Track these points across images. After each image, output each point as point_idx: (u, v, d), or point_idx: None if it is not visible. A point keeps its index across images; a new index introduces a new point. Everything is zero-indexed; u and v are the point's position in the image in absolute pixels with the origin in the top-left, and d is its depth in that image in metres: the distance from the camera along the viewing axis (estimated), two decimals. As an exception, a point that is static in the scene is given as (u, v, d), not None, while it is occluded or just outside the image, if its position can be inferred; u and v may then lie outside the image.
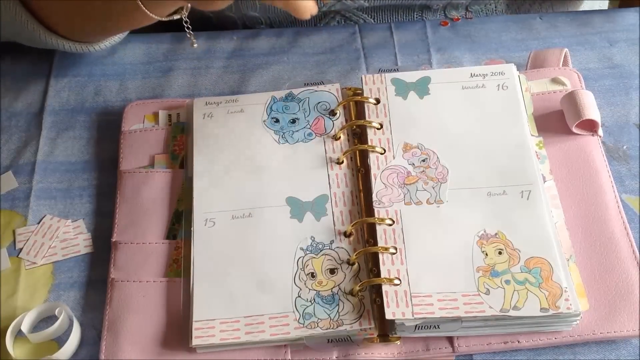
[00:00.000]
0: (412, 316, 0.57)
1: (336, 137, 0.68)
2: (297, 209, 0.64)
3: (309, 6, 0.58)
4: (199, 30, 0.81)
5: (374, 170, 0.65)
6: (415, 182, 0.64)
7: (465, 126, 0.67)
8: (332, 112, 0.69)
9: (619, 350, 0.59)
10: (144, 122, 0.73)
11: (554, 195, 0.64)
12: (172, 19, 0.64)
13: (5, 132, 0.74)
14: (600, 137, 0.68)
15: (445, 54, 0.78)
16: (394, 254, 0.61)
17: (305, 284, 0.61)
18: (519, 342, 0.59)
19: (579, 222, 0.64)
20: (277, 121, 0.69)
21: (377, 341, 0.59)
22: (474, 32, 0.79)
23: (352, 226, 0.63)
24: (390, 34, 0.80)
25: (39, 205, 0.69)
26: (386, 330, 0.59)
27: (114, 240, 0.66)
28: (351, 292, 0.60)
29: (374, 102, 0.69)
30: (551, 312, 0.57)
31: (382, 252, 0.61)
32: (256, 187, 0.66)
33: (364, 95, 0.69)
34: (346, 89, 0.72)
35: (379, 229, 0.62)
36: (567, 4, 0.88)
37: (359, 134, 0.68)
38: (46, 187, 0.70)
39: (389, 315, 0.58)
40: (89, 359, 0.61)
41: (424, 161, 0.65)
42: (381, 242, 0.61)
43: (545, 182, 0.64)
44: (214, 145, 0.68)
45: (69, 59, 0.79)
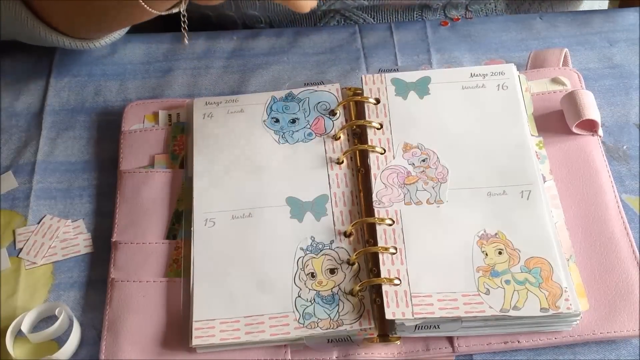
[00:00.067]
0: (412, 316, 0.57)
1: (336, 137, 0.68)
2: (297, 209, 0.64)
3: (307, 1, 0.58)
4: (199, 30, 0.82)
5: (374, 170, 0.65)
6: (415, 182, 0.64)
7: (465, 126, 0.67)
8: (332, 112, 0.69)
9: (619, 350, 0.59)
10: (144, 122, 0.73)
11: (554, 195, 0.64)
12: (171, 12, 0.63)
13: (5, 132, 0.74)
14: (600, 137, 0.68)
15: (445, 54, 0.78)
16: (394, 254, 0.61)
17: (305, 284, 0.61)
18: (519, 342, 0.59)
19: (579, 222, 0.64)
20: (277, 121, 0.69)
21: (377, 341, 0.59)
22: (474, 32, 0.79)
23: (352, 226, 0.63)
24: (390, 34, 0.80)
25: (39, 205, 0.69)
26: (386, 330, 0.59)
27: (114, 240, 0.66)
28: (351, 292, 0.60)
29: (374, 102, 0.69)
30: (551, 312, 0.57)
31: (382, 252, 0.61)
32: (256, 187, 0.66)
33: (364, 95, 0.69)
34: (346, 89, 0.72)
35: (379, 229, 0.62)
36: (567, 4, 0.88)
37: (359, 134, 0.68)
38: (46, 187, 0.70)
39: (389, 315, 0.58)
40: (89, 359, 0.61)
41: (424, 161, 0.65)
42: (381, 242, 0.61)
43: (545, 182, 0.64)
44: (214, 145, 0.68)
45: (69, 59, 0.79)
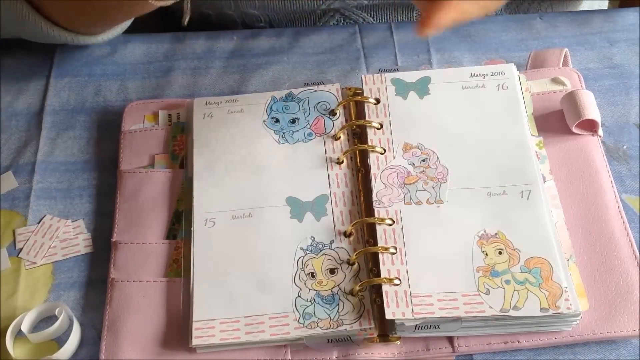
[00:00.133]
0: (412, 316, 0.57)
1: (336, 137, 0.68)
2: (297, 209, 0.64)
3: None
4: (198, 29, 0.82)
5: (374, 170, 0.65)
6: (415, 182, 0.64)
7: (465, 126, 0.67)
8: (332, 112, 0.69)
9: (619, 350, 0.59)
10: (144, 122, 0.73)
11: (554, 195, 0.64)
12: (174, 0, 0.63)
13: (5, 132, 0.74)
14: (600, 137, 0.68)
15: (445, 54, 0.78)
16: (394, 254, 0.60)
17: (305, 284, 0.61)
18: (519, 342, 0.59)
19: (579, 222, 0.64)
20: (277, 121, 0.69)
21: (377, 341, 0.59)
22: (474, 32, 0.79)
23: (352, 226, 0.63)
24: (390, 34, 0.80)
25: (39, 205, 0.69)
26: (386, 330, 0.59)
27: (114, 240, 0.66)
28: (351, 292, 0.60)
29: (374, 102, 0.69)
30: (551, 312, 0.57)
31: (382, 252, 0.61)
32: (256, 187, 0.66)
33: (364, 95, 0.69)
34: (346, 89, 0.72)
35: (379, 229, 0.62)
36: (567, 4, 0.88)
37: (359, 134, 0.68)
38: (46, 187, 0.70)
39: (389, 315, 0.58)
40: (89, 359, 0.61)
41: (424, 161, 0.65)
42: (381, 242, 0.61)
43: (545, 182, 0.64)
44: (214, 145, 0.68)
45: (69, 59, 0.79)
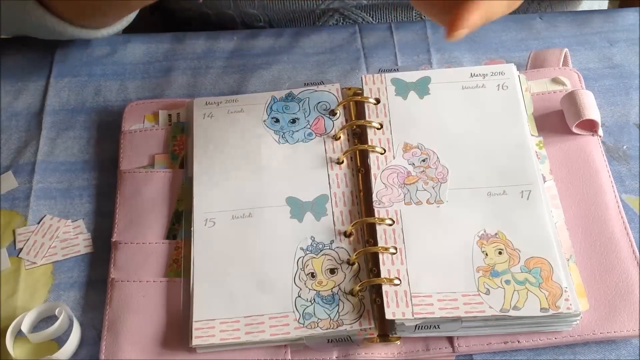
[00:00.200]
0: (412, 316, 0.57)
1: (336, 137, 0.68)
2: (297, 209, 0.64)
3: None
4: (198, 29, 0.82)
5: (374, 170, 0.65)
6: (415, 182, 0.64)
7: (465, 126, 0.67)
8: (332, 112, 0.69)
9: (619, 350, 0.59)
10: (144, 122, 0.73)
11: (554, 195, 0.64)
12: None
13: (5, 132, 0.74)
14: (600, 137, 0.68)
15: (445, 54, 0.77)
16: (394, 254, 0.60)
17: (305, 284, 0.61)
18: (519, 342, 0.59)
19: (579, 222, 0.64)
20: (277, 121, 0.69)
21: (377, 341, 0.59)
22: (474, 32, 0.79)
23: (352, 226, 0.63)
24: (390, 34, 0.80)
25: (39, 205, 0.69)
26: (386, 330, 0.59)
27: (114, 240, 0.66)
28: (351, 292, 0.60)
29: (374, 102, 0.69)
30: (551, 312, 0.57)
31: (382, 252, 0.61)
32: (256, 187, 0.66)
33: (364, 95, 0.69)
34: (346, 89, 0.72)
35: (379, 229, 0.62)
36: (566, 4, 0.88)
37: (359, 134, 0.68)
38: (46, 187, 0.70)
39: (389, 315, 0.58)
40: (89, 359, 0.61)
41: (424, 161, 0.65)
42: (381, 242, 0.61)
43: (545, 182, 0.64)
44: (214, 145, 0.68)
45: (69, 59, 0.79)
